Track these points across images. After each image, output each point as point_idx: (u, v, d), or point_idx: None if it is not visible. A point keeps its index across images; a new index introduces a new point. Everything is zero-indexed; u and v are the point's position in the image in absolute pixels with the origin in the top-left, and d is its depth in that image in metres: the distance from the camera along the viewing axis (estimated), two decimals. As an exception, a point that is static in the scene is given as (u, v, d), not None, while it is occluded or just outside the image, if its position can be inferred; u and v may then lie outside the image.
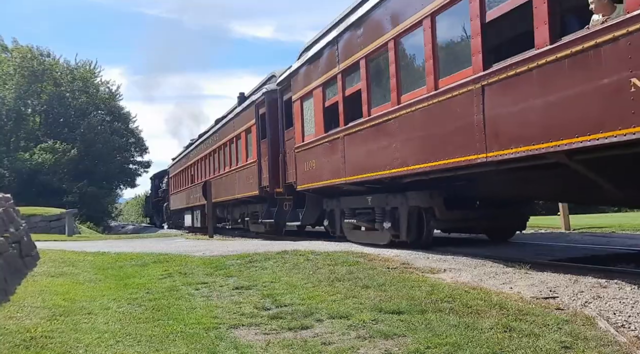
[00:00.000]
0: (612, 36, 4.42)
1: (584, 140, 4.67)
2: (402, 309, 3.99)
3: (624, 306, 3.89)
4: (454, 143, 6.38)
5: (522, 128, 5.41)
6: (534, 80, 5.28)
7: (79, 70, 43.46)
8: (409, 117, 7.32)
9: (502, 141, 5.65)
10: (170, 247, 10.22)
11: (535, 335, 3.26)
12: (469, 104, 6.09)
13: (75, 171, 37.49)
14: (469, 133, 6.07)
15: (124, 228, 46.55)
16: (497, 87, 5.75)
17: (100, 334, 3.77)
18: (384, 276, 5.35)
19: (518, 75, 5.44)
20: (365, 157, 8.53)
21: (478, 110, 5.95)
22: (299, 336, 3.57)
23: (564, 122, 4.90)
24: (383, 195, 8.68)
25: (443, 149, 6.58)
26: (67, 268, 7.41)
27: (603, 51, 4.53)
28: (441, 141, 6.65)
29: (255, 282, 5.52)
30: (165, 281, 6.04)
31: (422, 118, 7.05)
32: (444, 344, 3.16)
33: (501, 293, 4.51)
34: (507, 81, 5.61)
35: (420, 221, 8.13)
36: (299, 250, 7.49)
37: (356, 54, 8.64)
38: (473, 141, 6.02)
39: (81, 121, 40.70)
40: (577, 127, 4.75)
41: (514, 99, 5.53)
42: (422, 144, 7.08)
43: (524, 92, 5.41)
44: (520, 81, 5.43)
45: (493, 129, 5.79)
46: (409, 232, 8.14)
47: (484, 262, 6.14)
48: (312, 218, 11.75)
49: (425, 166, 6.99)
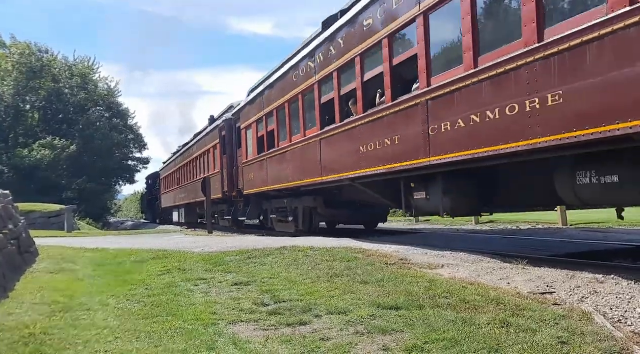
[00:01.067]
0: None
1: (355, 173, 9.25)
2: (400, 305, 4.01)
3: (621, 302, 3.91)
4: (310, 170, 11.04)
5: (332, 164, 10.16)
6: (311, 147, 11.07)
7: (77, 66, 43.30)
8: (293, 151, 12.09)
9: (326, 172, 10.42)
10: (169, 244, 10.23)
11: (533, 330, 3.27)
12: (316, 147, 10.88)
13: (75, 168, 37.45)
14: (315, 165, 10.82)
15: (123, 224, 46.59)
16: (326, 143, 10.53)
17: (99, 331, 3.78)
18: (382, 272, 5.37)
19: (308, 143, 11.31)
20: (278, 173, 12.95)
21: (315, 152, 10.86)
22: (297, 332, 3.59)
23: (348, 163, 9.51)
24: (291, 198, 12.90)
25: (308, 172, 11.16)
26: (66, 264, 7.42)
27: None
28: (306, 168, 11.30)
29: (254, 278, 5.54)
30: (164, 277, 6.06)
31: (300, 152, 11.73)
32: (441, 340, 3.17)
33: (499, 288, 4.53)
34: (329, 139, 10.46)
35: (310, 216, 12.26)
36: (297, 246, 7.51)
37: (273, 105, 13.28)
38: (318, 170, 10.71)
39: (80, 117, 40.65)
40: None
41: (331, 148, 10.30)
42: (299, 169, 11.73)
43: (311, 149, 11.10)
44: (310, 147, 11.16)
45: (325, 163, 10.51)
46: (304, 224, 12.32)
47: (481, 258, 6.16)
48: (255, 215, 15.82)
49: (299, 182, 11.68)
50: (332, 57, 9.95)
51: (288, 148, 12.28)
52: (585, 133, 4.93)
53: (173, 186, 30.04)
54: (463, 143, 6.51)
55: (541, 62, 5.36)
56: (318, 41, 10.66)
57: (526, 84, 5.55)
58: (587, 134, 4.90)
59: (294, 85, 11.82)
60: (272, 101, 13.23)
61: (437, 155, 7.03)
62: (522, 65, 5.59)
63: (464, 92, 6.44)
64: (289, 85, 12.15)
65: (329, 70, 10.07)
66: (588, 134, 4.90)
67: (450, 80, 6.67)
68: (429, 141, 7.16)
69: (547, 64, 5.30)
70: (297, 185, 11.81)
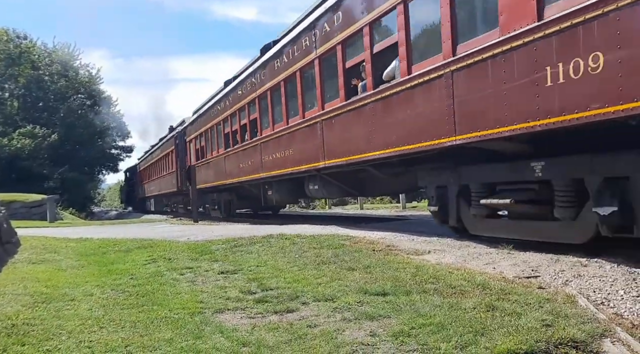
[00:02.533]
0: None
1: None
2: (387, 291, 4.02)
3: (604, 284, 3.97)
4: (223, 175, 15.90)
5: (236, 173, 14.65)
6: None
7: (57, 53, 42.35)
8: (214, 161, 17.13)
9: (230, 177, 15.16)
10: (154, 233, 10.14)
11: (518, 314, 3.31)
12: (224, 161, 15.89)
13: (56, 156, 36.81)
14: (226, 172, 15.69)
15: (107, 214, 46.13)
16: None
17: (83, 321, 3.73)
18: (369, 259, 5.38)
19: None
20: (205, 176, 17.96)
21: (223, 164, 15.86)
22: (284, 320, 3.58)
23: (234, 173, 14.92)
24: (217, 193, 18.08)
25: (222, 176, 16.06)
26: (49, 254, 7.32)
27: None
28: (221, 173, 16.21)
29: (241, 266, 5.51)
30: (149, 266, 6.00)
31: (215, 163, 16.81)
32: (428, 325, 3.19)
33: (484, 273, 4.57)
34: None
35: (229, 205, 17.42)
36: (284, 234, 7.49)
37: (202, 128, 18.70)
38: (226, 176, 15.67)
39: (61, 105, 39.84)
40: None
41: (231, 162, 15.47)
42: (217, 174, 16.70)
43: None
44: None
45: (229, 171, 15.45)
46: (225, 211, 17.63)
47: (467, 244, 6.21)
48: (200, 205, 19.76)
49: (218, 183, 16.58)
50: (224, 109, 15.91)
51: (210, 159, 17.60)
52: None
53: (145, 180, 35.45)
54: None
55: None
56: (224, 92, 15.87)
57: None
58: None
59: (214, 117, 17.04)
60: (202, 125, 18.82)
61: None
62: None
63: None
64: (211, 116, 17.47)
65: (221, 118, 16.18)
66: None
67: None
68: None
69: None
70: (216, 185, 16.89)
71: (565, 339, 2.88)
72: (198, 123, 19.45)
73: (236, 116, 14.55)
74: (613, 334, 3.00)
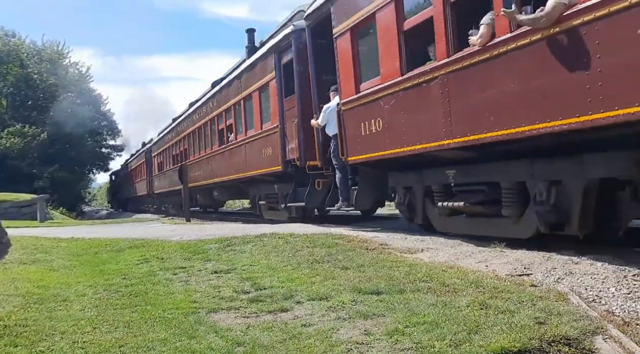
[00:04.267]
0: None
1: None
2: (380, 290, 4.03)
3: (595, 282, 4.01)
4: (174, 182, 18.96)
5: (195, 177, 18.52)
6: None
7: (46, 51, 41.91)
8: (167, 174, 23.38)
9: (177, 185, 19.37)
10: (146, 232, 10.09)
11: (510, 312, 3.33)
12: (175, 173, 18.53)
13: (46, 156, 36.47)
14: (177, 182, 18.12)
15: (98, 213, 45.85)
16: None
17: (76, 321, 3.70)
18: (363, 257, 5.39)
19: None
20: (160, 183, 25.06)
21: (174, 176, 19.02)
22: (278, 319, 3.58)
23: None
24: (171, 196, 23.74)
25: (175, 184, 19.54)
26: (40, 254, 7.25)
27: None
28: (172, 182, 20.32)
29: (234, 265, 5.50)
30: (142, 266, 5.97)
31: (168, 175, 22.19)
32: (422, 323, 3.20)
33: (477, 271, 4.60)
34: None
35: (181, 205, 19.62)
36: (277, 233, 7.48)
37: (162, 148, 25.04)
38: (174, 184, 20.09)
39: (50, 103, 39.44)
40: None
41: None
42: (168, 182, 22.86)
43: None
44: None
45: (176, 181, 19.64)
46: (176, 210, 21.59)
47: (460, 242, 6.24)
48: (160, 205, 28.15)
49: (172, 188, 21.78)
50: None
51: (166, 171, 23.75)
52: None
53: (126, 184, 40.73)
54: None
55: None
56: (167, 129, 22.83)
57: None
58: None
59: (168, 141, 23.31)
60: (161, 146, 25.05)
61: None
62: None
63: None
64: (165, 141, 24.01)
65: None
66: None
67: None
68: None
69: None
70: (170, 190, 22.56)
71: (558, 336, 2.91)
72: (158, 144, 26.24)
73: (180, 142, 20.82)
74: (605, 331, 3.03)
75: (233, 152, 13.75)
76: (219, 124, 15.04)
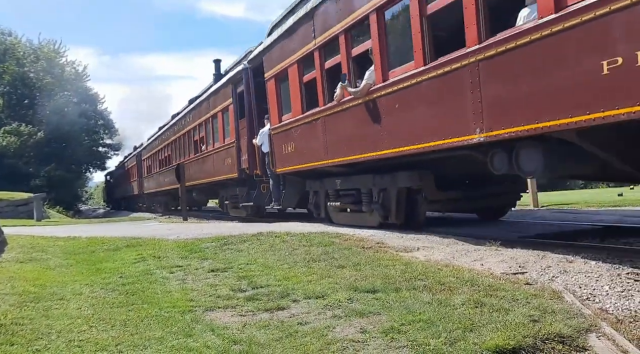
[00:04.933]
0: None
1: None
2: (377, 288, 4.05)
3: (589, 280, 4.03)
4: (166, 182, 22.53)
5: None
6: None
7: (42, 49, 41.85)
8: (156, 175, 25.56)
9: (162, 186, 24.57)
10: (143, 231, 10.09)
11: (505, 310, 3.35)
12: (159, 175, 25.20)
13: (43, 154, 36.43)
14: (162, 184, 24.30)
15: (94, 212, 45.83)
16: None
17: (72, 320, 3.71)
18: (359, 256, 5.41)
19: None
20: (148, 184, 28.17)
21: (164, 178, 24.18)
22: (275, 317, 3.59)
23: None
24: (158, 196, 26.37)
25: (165, 184, 22.70)
26: (36, 253, 7.25)
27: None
28: (162, 183, 23.93)
29: (231, 264, 5.51)
30: (138, 265, 5.98)
31: (158, 176, 25.22)
32: (417, 321, 3.22)
33: (472, 269, 4.62)
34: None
35: (167, 204, 25.56)
36: (274, 232, 7.50)
37: (151, 152, 27.05)
38: (160, 185, 24.87)
39: (47, 102, 39.38)
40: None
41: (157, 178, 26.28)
42: (156, 183, 25.37)
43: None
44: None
45: (161, 183, 24.93)
46: (164, 208, 25.43)
47: (456, 241, 6.26)
48: (150, 204, 29.24)
49: (158, 189, 25.11)
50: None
51: (153, 174, 26.37)
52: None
53: (120, 184, 42.44)
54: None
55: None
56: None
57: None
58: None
59: (155, 147, 25.68)
60: (149, 151, 27.42)
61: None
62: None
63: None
64: (153, 146, 26.14)
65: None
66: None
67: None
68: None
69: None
70: (157, 190, 25.02)
71: (552, 334, 2.93)
72: (147, 148, 28.46)
73: (165, 149, 23.34)
74: (598, 329, 3.06)
75: (205, 160, 16.45)
76: (194, 136, 17.91)
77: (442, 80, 5.99)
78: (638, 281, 3.93)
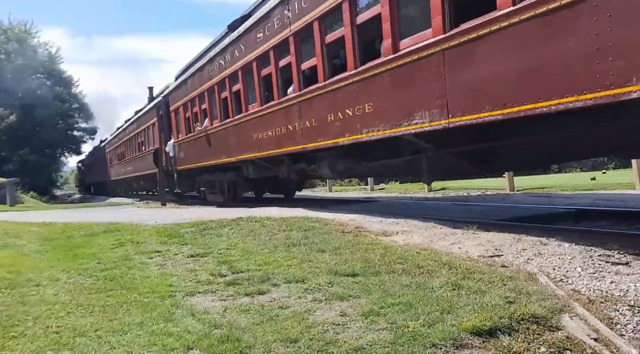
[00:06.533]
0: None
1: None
2: (356, 272, 4.09)
3: (563, 262, 4.14)
4: (142, 168, 23.88)
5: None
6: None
7: (13, 30, 40.46)
8: (123, 162, 29.12)
9: (129, 174, 28.88)
10: (121, 217, 9.97)
11: (482, 292, 3.43)
12: (128, 163, 29.56)
13: (15, 138, 35.51)
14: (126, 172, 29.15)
15: (70, 197, 45.03)
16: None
17: (49, 306, 3.67)
18: (339, 240, 5.45)
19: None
20: (123, 172, 29.16)
21: (129, 166, 28.77)
22: (255, 301, 3.61)
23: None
24: (126, 182, 30.35)
25: (143, 170, 23.40)
26: (10, 239, 7.11)
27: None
28: (140, 168, 24.03)
29: (211, 249, 5.49)
30: (117, 250, 5.92)
31: (132, 163, 26.72)
32: (396, 304, 3.27)
33: (450, 253, 4.70)
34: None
35: (127, 190, 32.23)
36: (254, 216, 7.49)
37: (116, 144, 31.12)
38: (127, 172, 28.65)
39: (19, 85, 38.25)
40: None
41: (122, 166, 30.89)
42: (132, 170, 26.48)
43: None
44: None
45: (128, 170, 28.74)
46: (124, 192, 32.60)
47: (434, 225, 6.35)
48: (120, 191, 33.08)
49: (126, 176, 28.55)
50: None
51: (114, 165, 31.39)
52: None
53: (90, 172, 46.30)
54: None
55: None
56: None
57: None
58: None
59: (120, 139, 29.21)
60: (114, 143, 31.15)
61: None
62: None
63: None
64: (119, 138, 29.61)
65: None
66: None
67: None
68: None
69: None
70: (124, 178, 28.75)
71: (526, 315, 3.01)
72: (111, 142, 33.14)
73: (121, 145, 28.75)
74: (571, 309, 3.15)
75: (144, 158, 22.31)
76: (138, 139, 24.29)
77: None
78: (609, 263, 4.05)
